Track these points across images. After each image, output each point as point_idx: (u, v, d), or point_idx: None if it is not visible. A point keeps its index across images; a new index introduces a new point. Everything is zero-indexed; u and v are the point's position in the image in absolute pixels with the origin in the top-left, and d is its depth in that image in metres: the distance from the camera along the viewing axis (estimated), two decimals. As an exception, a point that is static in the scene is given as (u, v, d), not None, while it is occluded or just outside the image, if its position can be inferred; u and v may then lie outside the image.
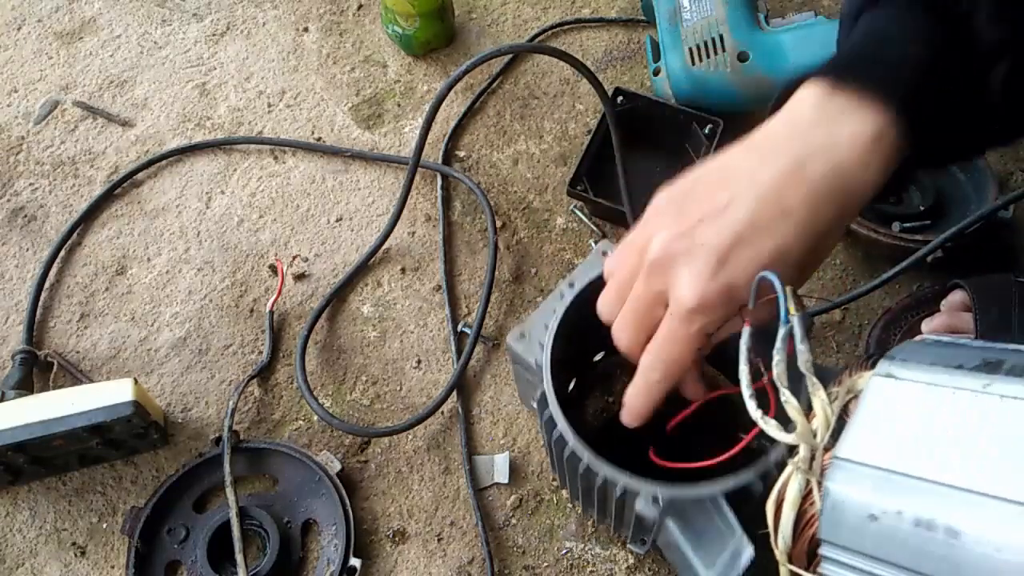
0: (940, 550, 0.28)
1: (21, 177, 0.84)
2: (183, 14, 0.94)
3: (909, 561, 0.29)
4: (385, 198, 0.82)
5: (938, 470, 0.30)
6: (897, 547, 0.30)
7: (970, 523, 0.28)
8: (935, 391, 0.33)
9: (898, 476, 0.31)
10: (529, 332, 0.55)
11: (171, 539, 0.66)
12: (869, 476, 0.32)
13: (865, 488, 0.31)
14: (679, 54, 0.79)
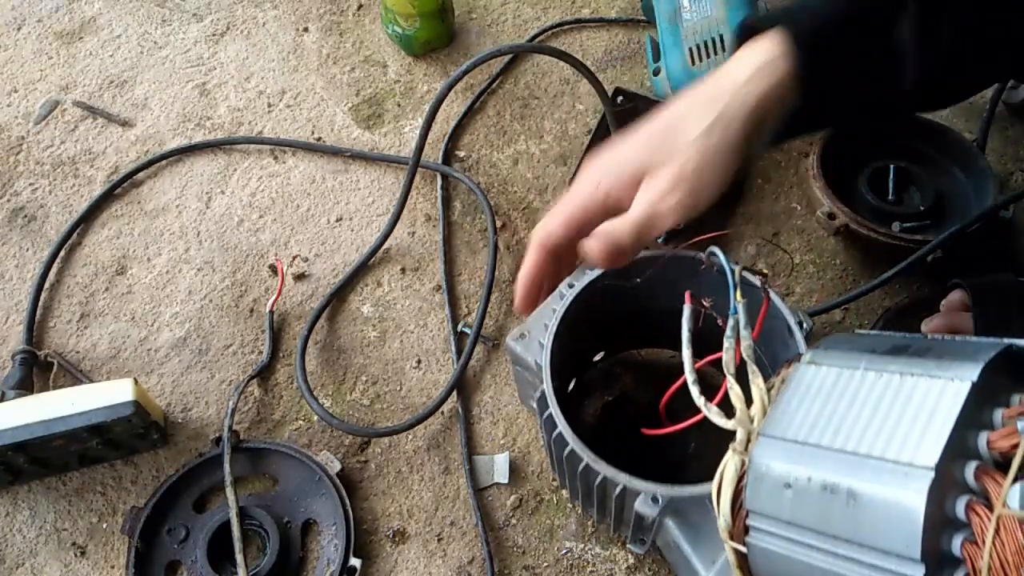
0: (842, 510, 0.32)
1: (21, 177, 0.84)
2: (183, 14, 0.94)
3: (818, 523, 0.32)
4: (385, 198, 0.82)
5: (842, 440, 0.33)
6: (808, 511, 0.33)
7: (865, 485, 0.31)
8: (846, 372, 0.36)
9: (808, 447, 0.34)
10: (529, 332, 0.55)
11: (171, 539, 0.66)
12: (785, 448, 0.35)
13: (781, 459, 0.35)
14: (679, 54, 0.79)
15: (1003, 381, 0.33)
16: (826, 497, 0.32)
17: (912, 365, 0.34)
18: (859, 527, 0.31)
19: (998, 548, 0.28)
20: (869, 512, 0.31)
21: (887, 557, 0.30)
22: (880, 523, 0.30)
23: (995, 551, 0.28)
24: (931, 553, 0.29)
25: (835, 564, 0.32)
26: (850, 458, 0.32)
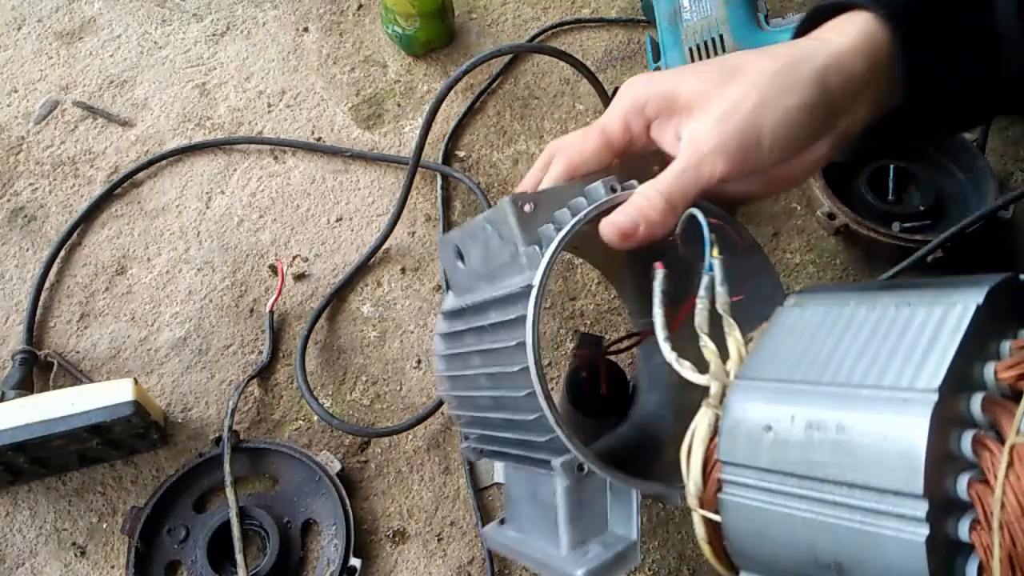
0: (830, 448, 0.28)
1: (21, 177, 0.84)
2: (183, 14, 0.94)
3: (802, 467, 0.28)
4: (385, 198, 0.82)
5: (831, 374, 0.29)
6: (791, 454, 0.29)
7: (857, 416, 0.27)
8: (835, 310, 0.33)
9: (791, 385, 0.30)
10: (536, 206, 0.43)
11: (171, 539, 0.66)
12: (765, 389, 0.31)
13: (760, 401, 0.31)
14: (679, 54, 0.79)
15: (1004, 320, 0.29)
16: (812, 435, 0.28)
17: (908, 296, 0.31)
18: (850, 466, 0.27)
19: (1012, 483, 0.24)
20: (862, 447, 0.27)
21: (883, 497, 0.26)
22: (875, 458, 0.26)
23: (1009, 486, 0.24)
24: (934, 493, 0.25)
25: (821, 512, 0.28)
26: (839, 391, 0.28)
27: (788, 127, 0.41)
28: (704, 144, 0.41)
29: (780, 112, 0.41)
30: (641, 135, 0.45)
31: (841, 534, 0.27)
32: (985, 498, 0.25)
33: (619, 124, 0.44)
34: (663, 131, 0.44)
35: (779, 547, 0.29)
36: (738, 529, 0.31)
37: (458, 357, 0.47)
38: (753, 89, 0.41)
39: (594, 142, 0.45)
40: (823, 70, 0.41)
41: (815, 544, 0.27)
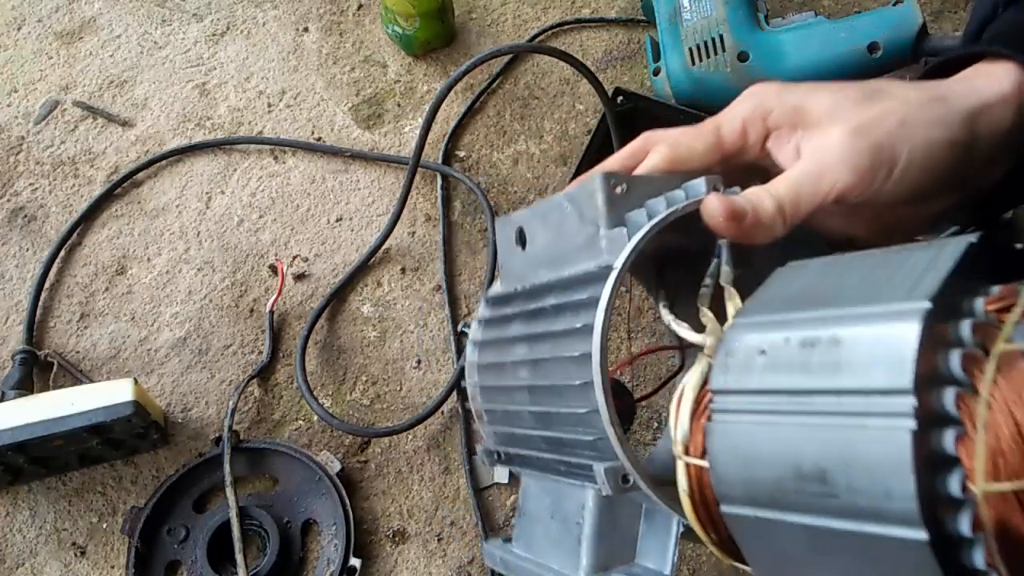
0: (823, 360, 0.28)
1: (21, 177, 0.84)
2: (183, 14, 0.94)
3: (793, 382, 0.28)
4: (385, 198, 0.82)
5: (826, 301, 0.29)
6: (782, 371, 0.29)
7: (851, 329, 0.27)
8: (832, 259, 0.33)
9: (789, 314, 0.30)
10: (628, 189, 0.39)
11: (171, 539, 0.66)
12: (760, 323, 0.31)
13: (755, 332, 0.31)
14: (679, 54, 0.79)
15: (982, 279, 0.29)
16: (805, 352, 0.28)
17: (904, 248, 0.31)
18: (841, 374, 0.27)
19: (1000, 386, 0.24)
20: (854, 355, 0.27)
21: (872, 398, 0.26)
22: (866, 362, 0.26)
23: (996, 389, 0.24)
24: (923, 404, 0.25)
25: (808, 423, 0.28)
26: (835, 312, 0.28)
27: (928, 161, 0.37)
28: (831, 153, 0.37)
29: (923, 141, 0.37)
30: (756, 144, 0.41)
31: (827, 440, 0.27)
32: (972, 406, 0.25)
33: (737, 126, 0.41)
34: (782, 144, 0.40)
35: (763, 465, 0.29)
36: (722, 454, 0.30)
37: (497, 344, 0.43)
38: (899, 110, 0.38)
39: (706, 139, 0.41)
40: (975, 112, 0.38)
41: (800, 455, 0.27)
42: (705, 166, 0.41)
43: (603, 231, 0.38)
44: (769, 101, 0.40)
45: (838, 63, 0.76)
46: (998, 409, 0.24)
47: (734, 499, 0.30)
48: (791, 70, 0.77)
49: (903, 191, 0.38)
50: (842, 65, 0.76)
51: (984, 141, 0.38)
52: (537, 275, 0.42)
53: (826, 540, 0.27)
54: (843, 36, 0.76)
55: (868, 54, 0.75)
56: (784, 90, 0.40)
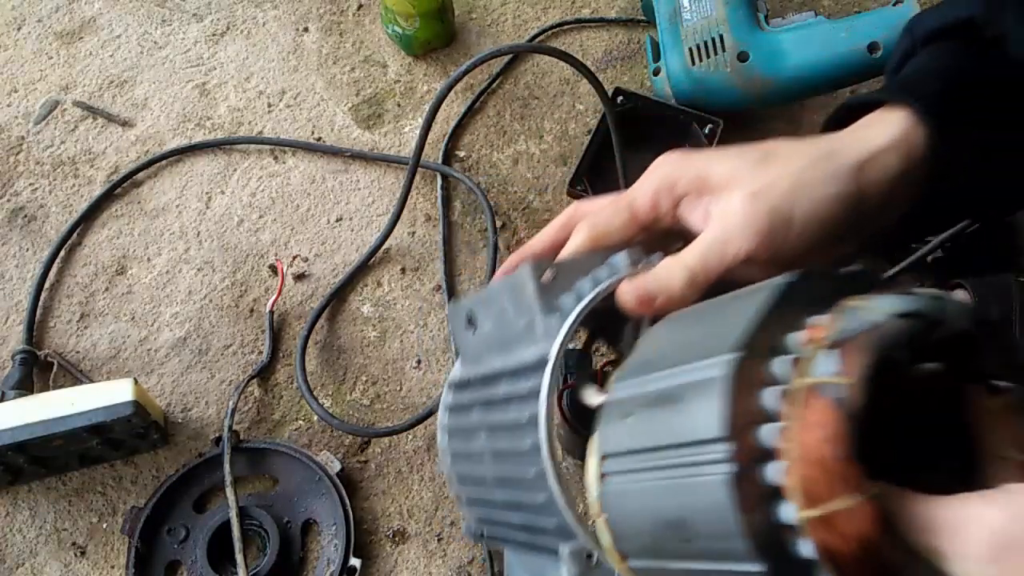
0: (666, 417, 0.30)
1: (21, 177, 0.84)
2: (183, 14, 0.94)
3: (647, 440, 0.31)
4: (385, 198, 0.82)
5: (671, 363, 0.32)
6: (641, 432, 0.31)
7: (682, 386, 0.30)
8: (688, 313, 0.36)
9: (646, 378, 0.33)
10: (556, 275, 0.42)
11: (171, 539, 0.66)
12: (626, 387, 0.33)
13: (623, 393, 0.33)
14: (679, 54, 0.79)
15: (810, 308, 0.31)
16: (654, 412, 0.31)
17: (735, 294, 0.33)
18: (679, 428, 0.29)
19: (806, 418, 0.26)
20: (685, 410, 0.29)
21: (699, 448, 0.28)
22: (693, 415, 0.29)
23: (802, 423, 0.26)
24: (744, 445, 0.27)
25: (661, 477, 0.30)
26: (673, 372, 0.31)
27: (820, 216, 0.40)
28: (734, 220, 0.40)
29: (815, 199, 0.40)
30: (669, 212, 0.43)
31: (677, 491, 0.29)
32: (785, 435, 0.27)
33: (648, 200, 0.43)
34: (692, 209, 0.43)
35: (641, 520, 0.31)
36: (614, 512, 0.32)
37: (462, 432, 0.45)
38: (790, 172, 0.40)
39: (621, 216, 0.44)
40: (862, 163, 0.40)
41: (662, 507, 0.30)
42: (626, 239, 0.44)
43: (538, 318, 0.40)
44: (675, 172, 0.43)
45: (838, 63, 0.76)
46: (804, 440, 0.26)
47: (631, 553, 0.32)
48: (791, 70, 0.77)
49: (803, 245, 0.40)
50: (842, 65, 0.76)
51: (873, 190, 0.41)
52: (490, 358, 0.43)
53: None
54: (843, 36, 0.76)
55: (868, 54, 0.75)
56: (687, 159, 0.43)
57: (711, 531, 0.28)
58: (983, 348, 0.30)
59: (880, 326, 0.27)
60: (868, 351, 0.26)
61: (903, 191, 0.41)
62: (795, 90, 0.78)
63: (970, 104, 0.42)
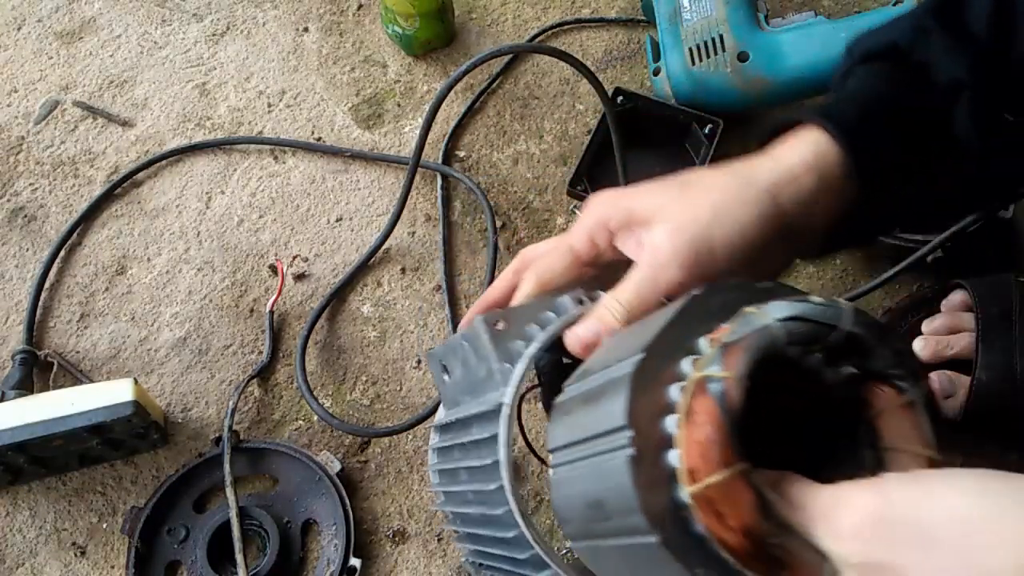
0: (590, 412, 0.34)
1: (21, 177, 0.84)
2: (183, 14, 0.94)
3: (575, 434, 0.35)
4: (385, 198, 0.82)
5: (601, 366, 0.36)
6: (574, 426, 0.35)
7: (601, 386, 0.34)
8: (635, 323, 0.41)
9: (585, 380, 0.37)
10: (508, 323, 0.45)
11: (171, 539, 0.66)
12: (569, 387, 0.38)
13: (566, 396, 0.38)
14: (679, 54, 0.79)
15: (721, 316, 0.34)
16: (583, 407, 0.35)
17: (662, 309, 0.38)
18: (596, 421, 0.33)
19: (696, 409, 0.30)
20: (600, 405, 0.33)
21: (610, 437, 0.32)
22: (606, 409, 0.32)
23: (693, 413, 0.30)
24: (649, 435, 0.31)
25: (583, 464, 0.34)
26: (601, 374, 0.35)
27: (741, 238, 0.43)
28: (660, 254, 0.43)
29: (732, 224, 0.43)
30: (607, 248, 0.47)
31: (594, 475, 0.33)
32: (679, 423, 0.30)
33: (585, 240, 0.47)
34: (625, 241, 0.46)
35: (573, 504, 0.34)
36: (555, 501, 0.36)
37: (448, 472, 0.49)
38: (710, 202, 0.43)
39: (564, 259, 0.47)
40: (775, 185, 0.43)
41: (586, 491, 0.33)
42: (572, 279, 0.47)
43: (495, 366, 0.43)
44: (606, 211, 0.46)
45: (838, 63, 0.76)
46: (690, 426, 0.30)
47: (572, 535, 0.36)
48: (791, 70, 0.77)
49: (731, 265, 0.43)
50: (842, 65, 0.76)
51: (791, 207, 0.44)
52: (465, 401, 0.47)
53: (627, 555, 0.32)
54: (843, 36, 0.76)
55: (868, 54, 0.75)
56: (616, 197, 0.47)
57: (619, 508, 0.31)
58: (874, 349, 0.33)
59: (766, 329, 0.31)
60: (748, 350, 0.30)
61: (823, 205, 0.44)
62: (795, 90, 0.78)
63: (884, 127, 0.45)
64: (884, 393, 0.34)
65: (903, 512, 0.27)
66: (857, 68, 0.50)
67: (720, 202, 0.43)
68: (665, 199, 0.44)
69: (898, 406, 0.34)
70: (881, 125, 0.45)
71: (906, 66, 0.47)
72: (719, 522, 0.29)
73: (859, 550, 0.28)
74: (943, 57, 0.46)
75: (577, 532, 0.35)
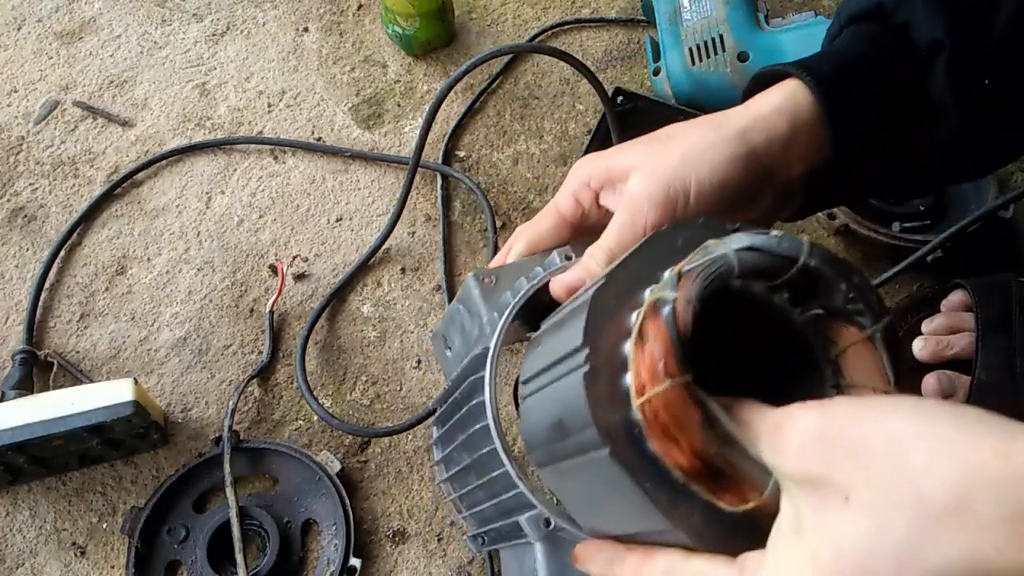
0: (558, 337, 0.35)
1: (21, 177, 0.84)
2: (183, 14, 0.94)
3: (544, 361, 0.36)
4: (385, 198, 0.82)
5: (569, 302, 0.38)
6: (542, 354, 0.37)
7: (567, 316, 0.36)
8: None
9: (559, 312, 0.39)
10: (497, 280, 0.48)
11: (171, 539, 0.66)
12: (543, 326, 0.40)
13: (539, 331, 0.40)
14: (679, 54, 0.79)
15: None
16: (551, 337, 0.37)
17: None
18: (558, 345, 0.35)
19: (647, 328, 0.31)
20: (565, 330, 0.35)
21: (570, 358, 0.33)
22: (568, 333, 0.34)
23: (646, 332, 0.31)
24: (608, 356, 0.32)
25: (545, 386, 0.35)
26: (569, 303, 0.38)
27: (716, 180, 0.44)
28: (635, 200, 0.44)
29: (705, 165, 0.44)
30: (592, 208, 0.48)
31: (556, 396, 0.34)
32: (633, 344, 0.31)
33: (569, 200, 0.48)
34: (609, 198, 0.47)
35: (538, 428, 0.36)
36: (523, 427, 0.38)
37: (446, 437, 0.50)
38: (681, 147, 0.45)
39: (549, 220, 0.49)
40: (745, 128, 0.45)
41: (548, 413, 0.34)
42: (560, 240, 0.49)
43: (484, 318, 0.45)
44: (587, 171, 0.48)
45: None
46: (644, 345, 0.31)
47: (538, 461, 0.37)
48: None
49: (707, 207, 0.44)
50: (842, 65, 0.76)
51: (763, 148, 0.45)
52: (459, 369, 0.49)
53: (583, 474, 0.34)
54: (843, 36, 0.75)
55: (868, 54, 0.75)
56: (597, 157, 0.48)
57: (576, 424, 0.32)
58: (833, 284, 0.34)
59: (722, 257, 0.32)
60: (700, 276, 0.31)
61: (799, 151, 0.46)
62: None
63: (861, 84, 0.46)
64: (847, 331, 0.35)
65: (844, 429, 0.28)
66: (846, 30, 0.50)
67: (691, 146, 0.45)
68: (640, 151, 0.46)
69: (859, 342, 0.34)
70: (858, 82, 0.46)
71: (889, 27, 0.47)
72: (666, 437, 0.30)
73: (800, 464, 0.28)
74: (924, 16, 0.46)
75: (542, 458, 0.36)
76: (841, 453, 0.27)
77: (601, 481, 0.32)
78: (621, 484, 0.31)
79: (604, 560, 0.36)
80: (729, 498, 0.30)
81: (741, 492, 0.30)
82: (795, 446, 0.29)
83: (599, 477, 0.32)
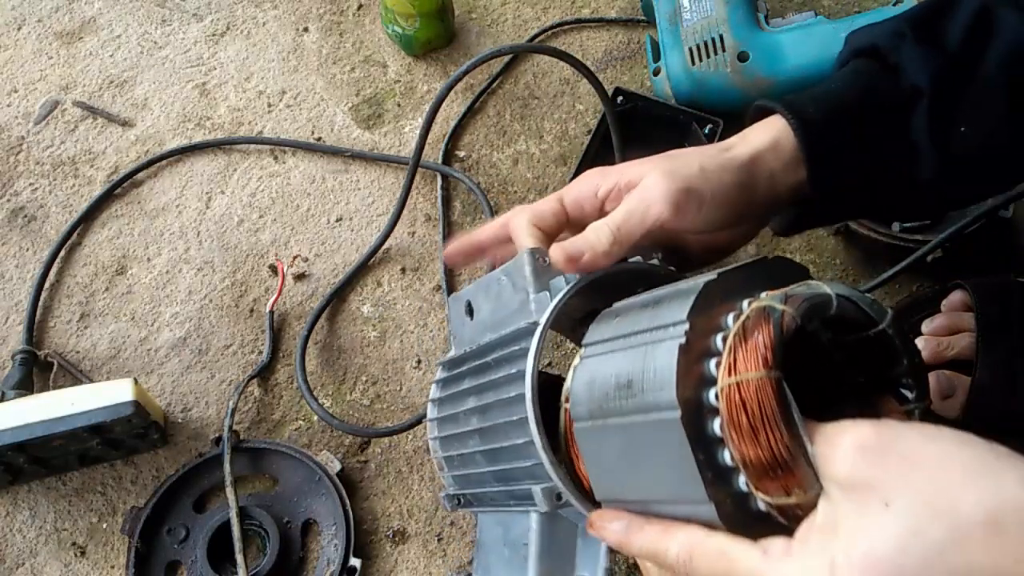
0: (652, 312, 0.38)
1: (21, 177, 0.84)
2: (183, 14, 0.94)
3: (630, 327, 0.38)
4: (385, 198, 0.82)
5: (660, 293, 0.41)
6: (628, 321, 0.39)
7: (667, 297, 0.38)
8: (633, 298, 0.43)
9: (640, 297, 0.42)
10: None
11: (171, 539, 0.66)
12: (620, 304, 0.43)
13: (617, 306, 0.42)
14: (679, 54, 0.79)
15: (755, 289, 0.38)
16: (641, 311, 0.39)
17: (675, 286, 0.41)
18: (653, 318, 0.37)
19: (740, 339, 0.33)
20: (664, 307, 0.37)
21: (666, 329, 0.36)
22: (669, 308, 0.37)
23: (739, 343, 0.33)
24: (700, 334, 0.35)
25: (624, 351, 0.37)
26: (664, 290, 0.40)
27: (724, 199, 0.47)
28: (653, 191, 0.46)
29: (720, 184, 0.47)
30: (593, 215, 0.49)
31: (636, 358, 0.36)
32: (731, 337, 0.34)
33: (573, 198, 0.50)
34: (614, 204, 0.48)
35: (597, 385, 0.38)
36: (576, 384, 0.39)
37: (452, 399, 0.51)
38: (696, 161, 0.47)
39: (551, 204, 0.50)
40: (749, 161, 0.48)
41: (619, 372, 0.37)
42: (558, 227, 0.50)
43: (532, 295, 0.46)
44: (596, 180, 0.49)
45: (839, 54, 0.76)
46: (743, 335, 0.33)
47: (579, 416, 0.39)
48: (791, 70, 0.77)
49: (709, 222, 0.47)
50: (842, 65, 0.76)
51: (760, 182, 0.48)
52: (484, 338, 0.50)
53: (632, 433, 0.36)
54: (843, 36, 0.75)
55: (868, 54, 0.75)
56: (607, 169, 0.50)
57: (651, 385, 0.35)
58: (899, 356, 0.37)
59: (826, 295, 0.35)
60: (809, 299, 0.34)
61: (783, 187, 0.49)
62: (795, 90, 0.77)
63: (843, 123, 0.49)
64: (888, 401, 0.38)
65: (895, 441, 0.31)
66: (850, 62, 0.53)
67: (707, 163, 0.47)
68: (656, 161, 0.48)
69: (899, 413, 0.38)
70: (840, 128, 0.48)
71: (885, 66, 0.50)
72: (738, 423, 0.32)
73: (850, 468, 0.31)
74: (910, 63, 0.49)
75: (588, 412, 0.38)
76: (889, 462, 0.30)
77: (649, 442, 0.35)
78: (674, 449, 0.33)
79: (621, 528, 0.38)
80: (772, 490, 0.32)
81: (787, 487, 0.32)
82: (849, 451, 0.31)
83: (650, 438, 0.35)
